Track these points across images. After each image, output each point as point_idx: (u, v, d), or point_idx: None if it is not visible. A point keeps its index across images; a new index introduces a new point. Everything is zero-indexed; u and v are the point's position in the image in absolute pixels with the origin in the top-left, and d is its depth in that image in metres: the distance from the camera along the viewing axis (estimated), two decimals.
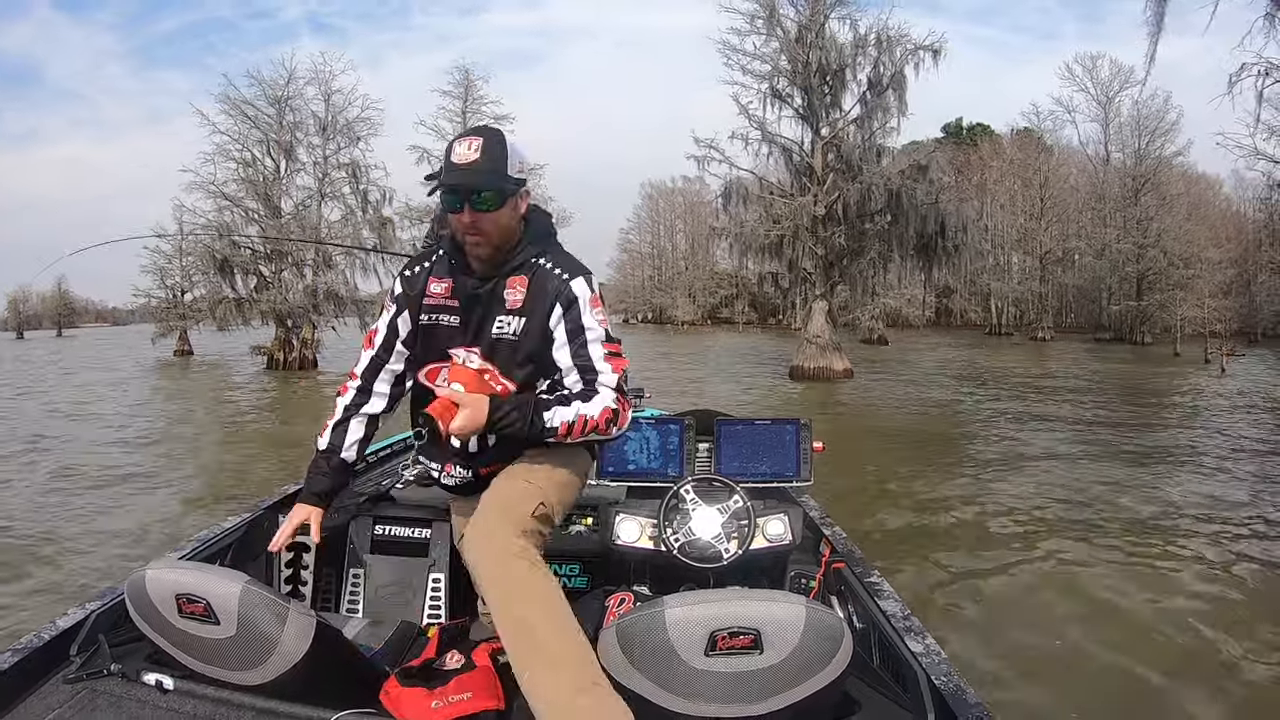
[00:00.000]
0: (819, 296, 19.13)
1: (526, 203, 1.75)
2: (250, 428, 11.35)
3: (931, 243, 18.42)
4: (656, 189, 62.95)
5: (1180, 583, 4.52)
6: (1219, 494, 6.82)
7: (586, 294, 1.70)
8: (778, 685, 1.31)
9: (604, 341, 1.69)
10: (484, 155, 1.62)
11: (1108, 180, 41.12)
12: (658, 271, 64.65)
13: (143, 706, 1.44)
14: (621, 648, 1.34)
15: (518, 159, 1.68)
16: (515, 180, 1.67)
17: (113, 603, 1.72)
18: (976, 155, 46.15)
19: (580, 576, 2.48)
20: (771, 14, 18.98)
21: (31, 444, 9.38)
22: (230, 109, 22.15)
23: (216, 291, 22.78)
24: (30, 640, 1.59)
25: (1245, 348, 31.53)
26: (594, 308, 1.70)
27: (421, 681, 1.53)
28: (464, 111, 28.13)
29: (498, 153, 1.63)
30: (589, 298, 1.71)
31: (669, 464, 2.50)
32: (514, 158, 1.67)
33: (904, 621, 1.74)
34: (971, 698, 1.41)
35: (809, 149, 19.36)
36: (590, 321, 1.69)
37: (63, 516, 5.94)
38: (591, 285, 1.73)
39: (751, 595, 1.38)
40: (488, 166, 1.62)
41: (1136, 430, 10.64)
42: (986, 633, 3.79)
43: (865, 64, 18.63)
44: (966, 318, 51.27)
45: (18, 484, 7.17)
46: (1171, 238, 36.29)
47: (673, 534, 2.26)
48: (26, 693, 1.48)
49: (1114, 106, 41.95)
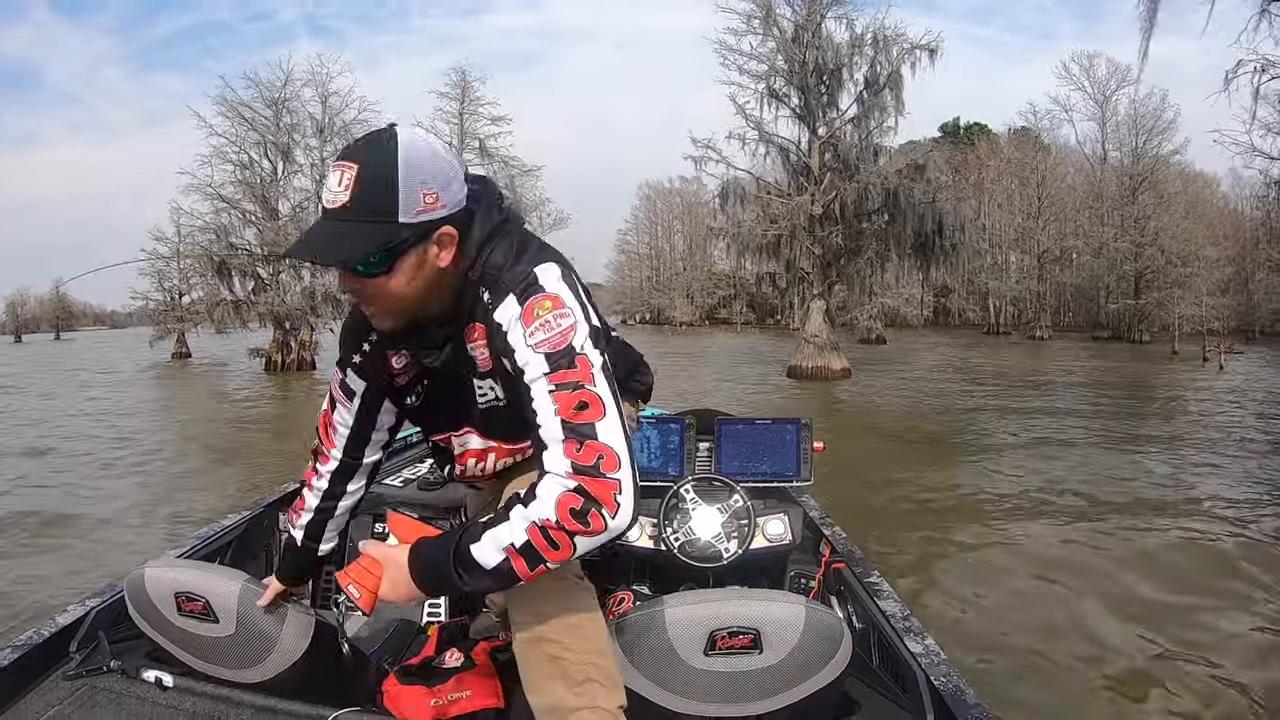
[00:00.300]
0: (816, 296, 19.13)
1: (449, 251, 1.17)
2: (249, 429, 11.33)
3: (929, 242, 18.43)
4: (654, 189, 63.03)
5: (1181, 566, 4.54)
6: (1226, 493, 6.83)
7: (513, 314, 1.14)
8: (777, 685, 1.31)
9: (549, 375, 1.10)
10: (356, 197, 1.08)
11: (1105, 179, 41.18)
12: (655, 272, 64.64)
13: (142, 703, 1.44)
14: (621, 647, 1.34)
15: (422, 182, 1.09)
16: (414, 226, 1.11)
17: (112, 599, 1.72)
18: (974, 154, 46.18)
19: None
20: (768, 14, 18.99)
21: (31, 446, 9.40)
22: (227, 111, 22.17)
23: (214, 294, 22.78)
24: (30, 637, 1.58)
25: (1243, 345, 31.57)
26: (528, 326, 1.12)
27: (421, 679, 1.53)
28: (461, 113, 28.18)
29: (378, 189, 1.08)
30: (515, 317, 1.14)
31: (669, 463, 2.49)
32: (414, 185, 1.09)
33: (903, 622, 1.74)
34: (971, 698, 1.41)
35: (806, 149, 19.37)
36: (525, 355, 1.12)
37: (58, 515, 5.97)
38: (526, 291, 1.15)
39: (751, 595, 1.38)
40: (362, 215, 1.09)
41: (1135, 426, 10.65)
42: (985, 629, 3.79)
43: (862, 63, 18.65)
44: (965, 317, 51.32)
45: None
46: (1169, 236, 36.33)
47: (673, 533, 2.26)
48: (26, 689, 1.48)
49: (1111, 105, 42.04)
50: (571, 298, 1.16)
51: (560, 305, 1.13)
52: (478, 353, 1.26)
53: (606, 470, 1.07)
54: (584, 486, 1.06)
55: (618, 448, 1.09)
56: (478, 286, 1.20)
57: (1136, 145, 39.27)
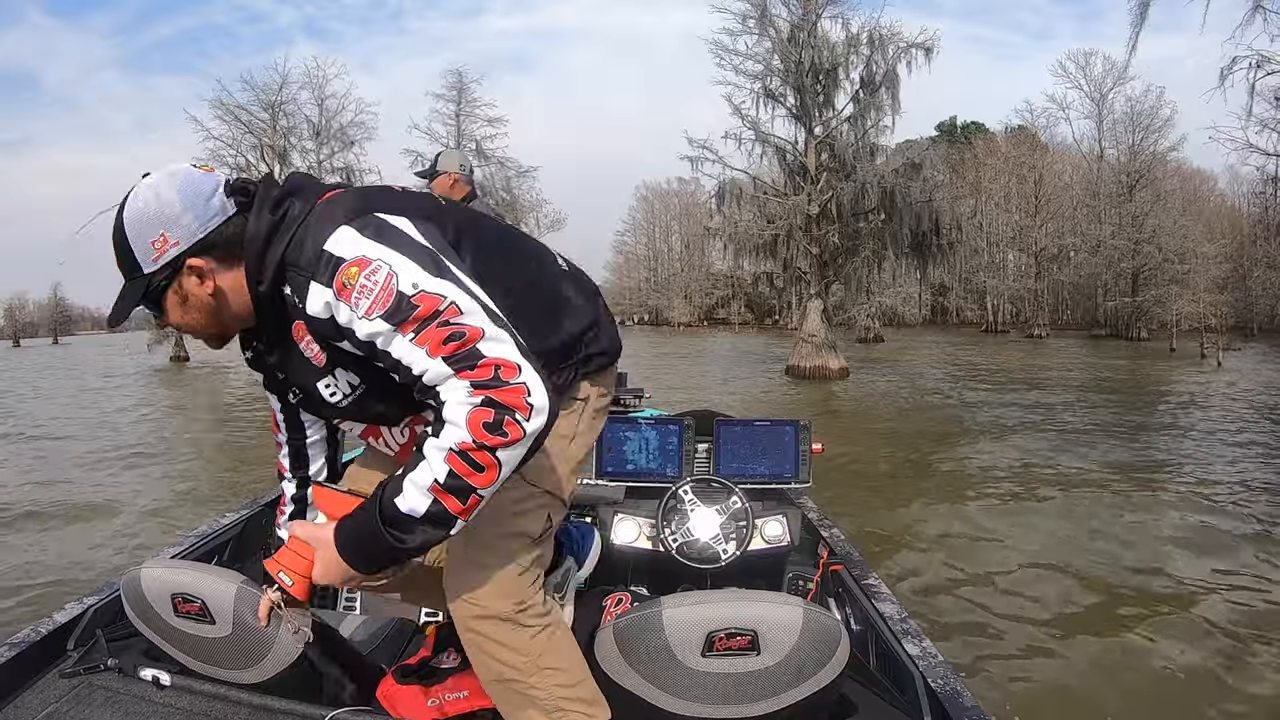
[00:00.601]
0: (814, 295, 19.15)
1: (210, 278, 1.16)
2: (248, 429, 11.32)
3: (926, 241, 18.46)
4: (651, 190, 62.96)
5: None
6: (1230, 479, 6.85)
7: (327, 299, 1.08)
8: (775, 687, 1.31)
9: (398, 329, 1.04)
10: (118, 264, 1.15)
11: (1102, 177, 41.18)
12: (653, 273, 64.59)
13: (139, 702, 1.43)
14: (618, 648, 1.34)
15: (146, 231, 1.12)
16: (159, 271, 1.13)
17: (110, 597, 1.72)
18: (971, 153, 46.22)
19: None
20: (763, 14, 19.03)
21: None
22: (224, 114, 22.22)
23: None
24: (27, 634, 1.58)
25: (1241, 342, 31.60)
26: (350, 301, 1.06)
27: (418, 679, 1.53)
28: (458, 114, 28.18)
29: (121, 253, 1.14)
30: (331, 300, 1.08)
31: (668, 464, 2.50)
32: (141, 237, 1.12)
33: (901, 624, 1.74)
34: (968, 700, 1.41)
35: (802, 148, 19.40)
36: (365, 328, 1.06)
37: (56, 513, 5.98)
38: (327, 272, 1.07)
39: (749, 596, 1.38)
40: (125, 278, 1.15)
41: (1134, 423, 10.66)
42: (986, 622, 3.81)
43: (858, 63, 18.71)
44: (963, 316, 51.35)
45: None
46: (1166, 233, 36.32)
47: (671, 534, 2.26)
48: (23, 687, 1.48)
49: (1107, 103, 42.06)
50: (376, 247, 1.08)
51: (366, 264, 1.06)
52: (309, 351, 1.19)
53: (508, 378, 1.02)
54: (491, 398, 1.01)
55: (510, 355, 1.04)
56: (278, 288, 1.15)
57: (1133, 143, 39.27)
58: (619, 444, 2.50)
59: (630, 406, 3.24)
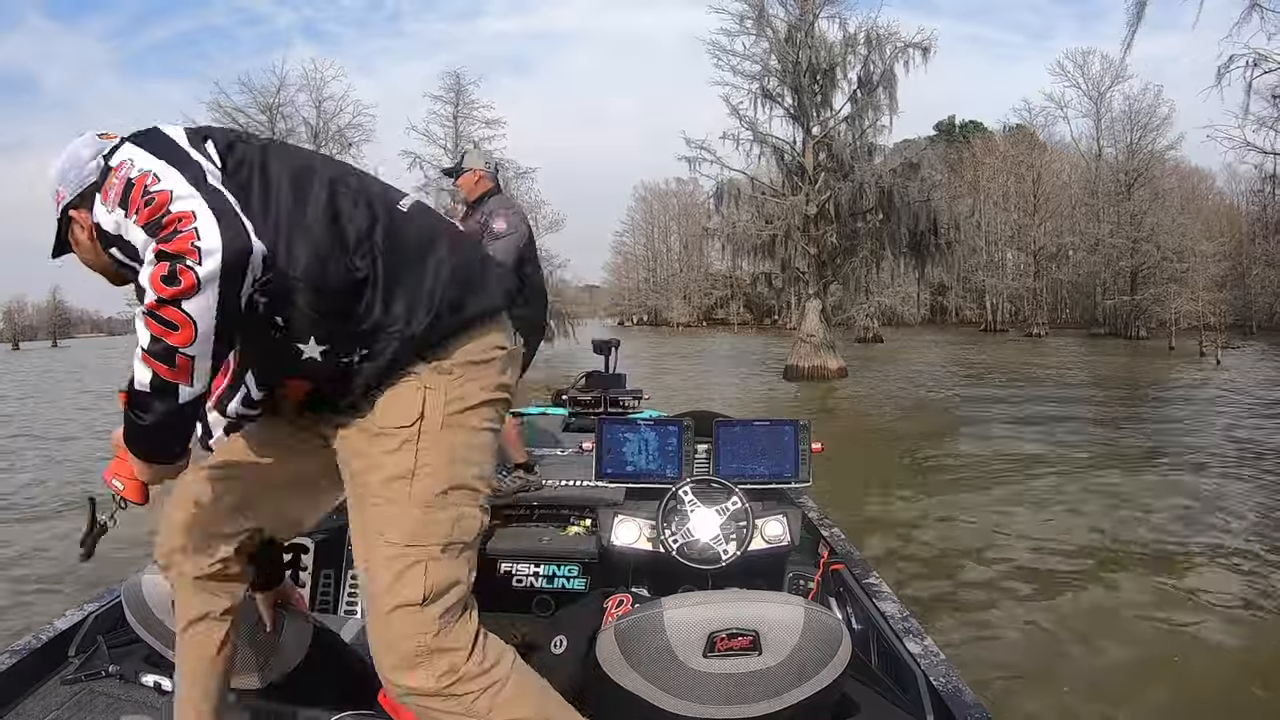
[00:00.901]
0: (812, 295, 19.16)
1: (88, 228, 1.22)
2: None
3: (924, 240, 18.48)
4: (650, 191, 62.91)
5: None
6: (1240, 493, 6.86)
7: (100, 212, 1.15)
8: (776, 687, 1.31)
9: (126, 213, 1.08)
10: None
11: (1100, 175, 41.21)
12: (652, 274, 64.57)
13: (140, 708, 1.44)
14: (620, 649, 1.34)
15: (54, 182, 1.26)
16: (61, 220, 1.27)
17: (111, 604, 1.72)
18: (969, 153, 46.23)
19: (578, 578, 2.47)
20: (761, 14, 19.04)
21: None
22: (221, 117, 22.17)
23: None
24: (29, 641, 1.59)
25: (1240, 340, 31.62)
26: (104, 200, 1.13)
27: None
28: (455, 116, 28.13)
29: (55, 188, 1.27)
30: (99, 209, 1.15)
31: (667, 465, 2.50)
32: (52, 186, 1.27)
33: (902, 623, 1.74)
34: (970, 698, 1.42)
35: (800, 148, 19.41)
36: (108, 221, 1.13)
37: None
38: (103, 179, 1.15)
39: (750, 596, 1.38)
40: None
41: (1134, 421, 10.68)
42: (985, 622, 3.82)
43: (855, 62, 18.74)
44: (962, 315, 51.34)
45: None
46: (1165, 232, 36.33)
47: (671, 535, 2.26)
48: (25, 694, 1.48)
49: (1105, 102, 42.10)
50: (136, 151, 1.13)
51: (120, 167, 1.11)
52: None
53: (181, 227, 1.00)
54: (161, 250, 0.99)
55: (188, 206, 1.02)
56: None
57: (1131, 141, 39.31)
58: (618, 445, 2.51)
59: (629, 408, 3.25)
